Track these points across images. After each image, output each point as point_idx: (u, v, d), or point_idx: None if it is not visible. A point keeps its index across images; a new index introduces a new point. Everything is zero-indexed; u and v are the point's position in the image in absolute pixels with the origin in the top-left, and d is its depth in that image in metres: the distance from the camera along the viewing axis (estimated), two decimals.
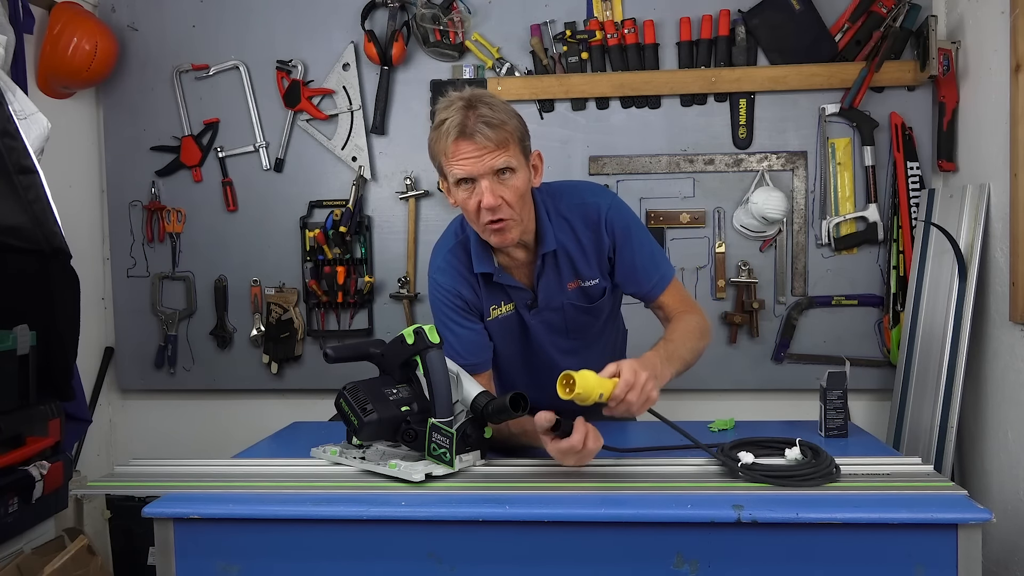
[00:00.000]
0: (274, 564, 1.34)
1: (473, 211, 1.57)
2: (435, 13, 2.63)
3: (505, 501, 1.33)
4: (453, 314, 1.71)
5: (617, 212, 1.71)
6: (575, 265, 1.72)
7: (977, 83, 2.35)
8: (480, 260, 1.68)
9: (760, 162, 2.64)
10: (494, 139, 1.51)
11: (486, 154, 1.52)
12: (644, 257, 1.73)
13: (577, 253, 1.71)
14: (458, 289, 1.70)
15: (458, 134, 1.51)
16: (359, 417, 1.44)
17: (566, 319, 1.76)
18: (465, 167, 1.53)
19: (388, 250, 2.77)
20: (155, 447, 2.87)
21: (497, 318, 1.73)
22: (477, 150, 1.51)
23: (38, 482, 1.93)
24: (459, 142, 1.52)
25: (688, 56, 2.63)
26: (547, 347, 1.79)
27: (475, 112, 1.51)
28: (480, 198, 1.54)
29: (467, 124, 1.50)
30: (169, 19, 2.78)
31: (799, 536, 1.26)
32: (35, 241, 1.92)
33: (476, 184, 1.54)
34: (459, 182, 1.56)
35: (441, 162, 1.57)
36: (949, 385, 2.26)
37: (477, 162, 1.52)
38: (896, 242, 2.59)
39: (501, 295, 1.73)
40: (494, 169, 1.53)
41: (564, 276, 1.72)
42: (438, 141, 1.55)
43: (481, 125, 1.50)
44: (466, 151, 1.52)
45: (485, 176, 1.53)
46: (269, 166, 2.78)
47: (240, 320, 2.83)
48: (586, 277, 1.73)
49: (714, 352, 2.65)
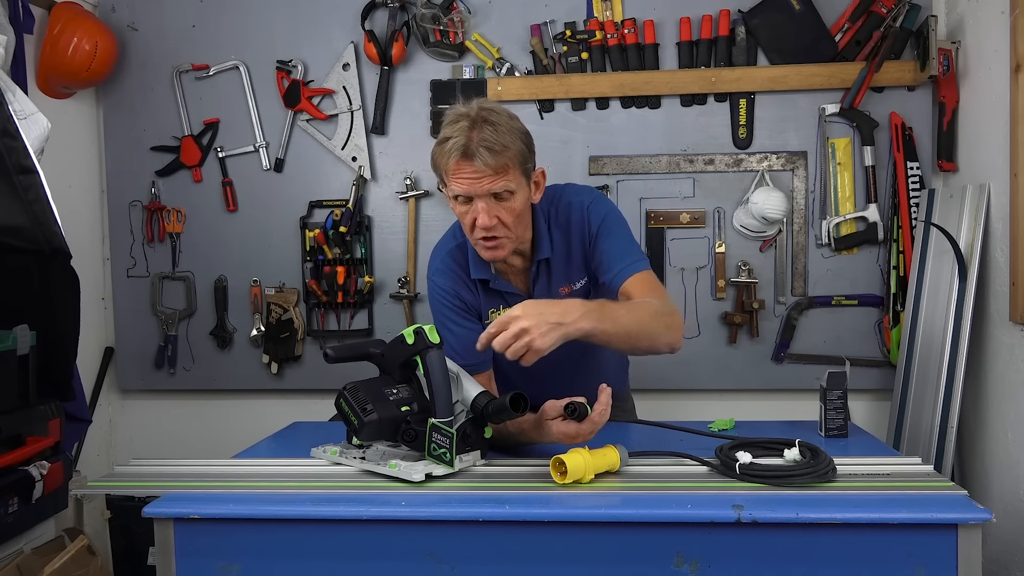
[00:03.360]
0: (274, 564, 1.34)
1: (469, 226, 1.62)
2: (435, 13, 2.63)
3: (505, 501, 1.33)
4: (452, 314, 1.73)
5: (597, 205, 1.72)
6: (566, 270, 1.74)
7: (977, 83, 2.35)
8: (477, 266, 1.71)
9: (760, 162, 2.64)
10: (493, 165, 1.53)
11: (484, 178, 1.55)
12: (616, 246, 1.69)
13: (567, 258, 1.73)
14: (456, 290, 1.72)
15: (460, 156, 1.53)
16: (359, 417, 1.44)
17: None
18: (463, 186, 1.56)
19: (388, 250, 2.77)
20: (155, 447, 2.87)
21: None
22: (476, 172, 1.54)
23: (38, 482, 1.93)
24: (460, 162, 1.54)
25: (688, 56, 2.63)
26: None
27: (479, 134, 1.53)
28: (476, 216, 1.57)
29: (469, 146, 1.53)
30: (169, 19, 2.78)
31: (799, 536, 1.26)
32: (35, 241, 1.92)
33: (474, 203, 1.57)
34: (456, 197, 1.59)
35: (442, 175, 1.61)
36: (949, 385, 2.26)
37: (475, 183, 1.55)
38: (896, 242, 2.59)
39: (499, 299, 1.75)
40: (491, 192, 1.56)
41: (556, 281, 1.74)
42: (440, 156, 1.58)
43: (482, 150, 1.52)
44: (466, 172, 1.55)
45: (482, 197, 1.56)
46: (269, 166, 2.78)
47: (240, 320, 2.83)
48: (576, 279, 1.75)
49: (714, 352, 2.66)
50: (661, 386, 2.53)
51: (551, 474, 1.40)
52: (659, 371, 1.84)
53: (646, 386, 2.23)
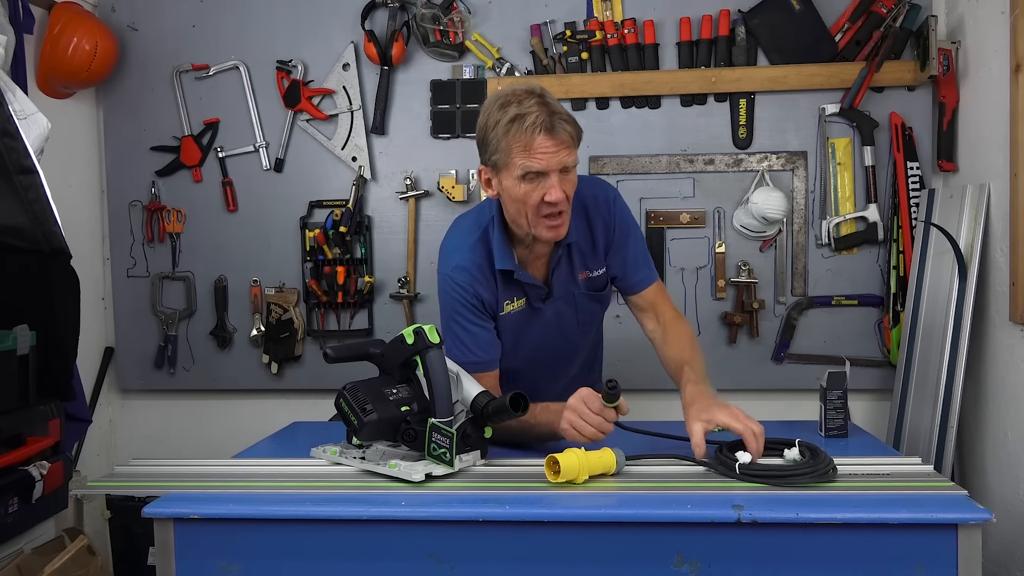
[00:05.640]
0: (274, 564, 1.34)
1: (534, 204, 1.60)
2: (435, 13, 2.63)
3: (505, 501, 1.33)
4: (469, 313, 1.72)
5: (622, 207, 1.81)
6: (585, 256, 1.78)
7: (977, 83, 2.35)
8: (502, 256, 1.71)
9: (760, 162, 2.64)
10: (570, 136, 1.58)
11: (562, 150, 1.57)
12: (639, 252, 1.83)
13: (587, 244, 1.77)
14: (476, 289, 1.72)
15: (544, 129, 1.54)
16: (359, 417, 1.44)
17: (578, 309, 1.82)
18: (542, 161, 1.56)
19: (388, 250, 2.77)
20: (155, 447, 2.87)
21: (510, 313, 1.77)
22: (555, 146, 1.56)
23: (38, 482, 1.93)
24: (542, 137, 1.55)
25: (688, 56, 2.63)
26: (555, 340, 1.83)
27: (553, 108, 1.57)
28: (545, 192, 1.58)
29: (552, 121, 1.55)
30: (169, 19, 2.78)
31: (799, 536, 1.26)
32: (35, 241, 1.91)
33: (545, 178, 1.58)
34: (527, 175, 1.58)
35: (509, 154, 1.58)
36: (949, 385, 2.26)
37: (553, 157, 1.56)
38: (896, 242, 2.59)
39: (516, 290, 1.76)
40: (564, 165, 1.58)
41: (576, 267, 1.77)
42: (516, 134, 1.56)
43: (563, 123, 1.57)
44: (546, 146, 1.56)
45: (555, 171, 1.57)
46: (269, 166, 2.78)
47: (240, 320, 2.83)
48: (593, 267, 1.79)
49: (714, 352, 2.65)
50: (661, 386, 2.53)
51: (544, 473, 1.40)
52: (658, 371, 1.84)
53: (646, 386, 2.23)
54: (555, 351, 1.85)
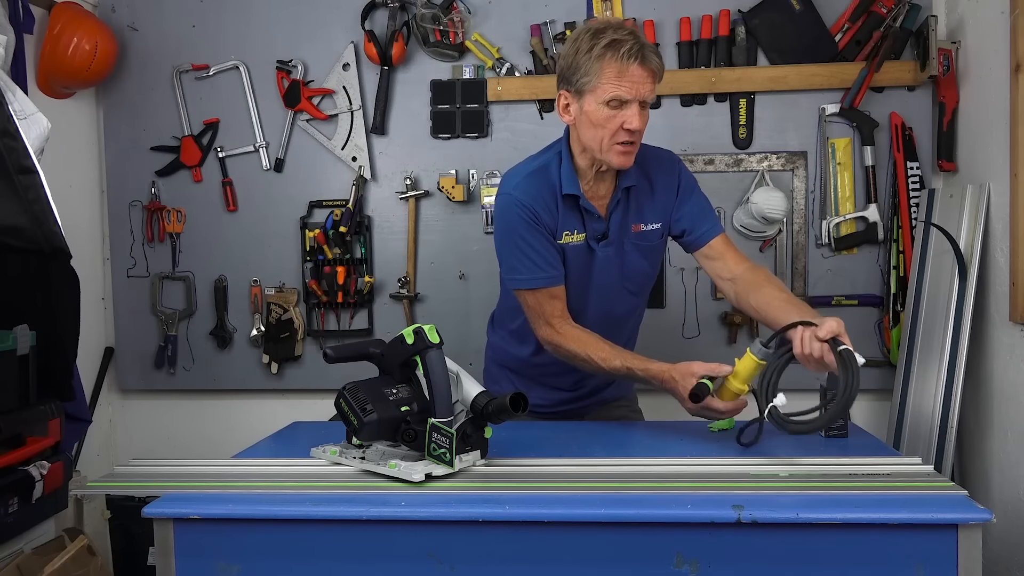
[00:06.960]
0: (274, 564, 1.34)
1: (612, 130, 1.66)
2: (435, 13, 2.63)
3: (505, 501, 1.33)
4: (531, 230, 1.76)
5: (683, 164, 1.89)
6: (642, 207, 1.82)
7: (977, 83, 2.35)
8: (570, 181, 1.76)
9: (760, 162, 2.64)
10: (658, 68, 1.65)
11: (647, 81, 1.64)
12: (705, 205, 1.88)
13: (646, 195, 1.82)
14: (534, 207, 1.75)
15: (638, 58, 1.61)
16: (359, 417, 1.44)
17: (624, 260, 1.84)
18: (630, 89, 1.62)
19: (388, 250, 2.77)
20: (155, 447, 2.87)
21: (568, 244, 1.79)
22: (643, 75, 1.63)
23: (38, 482, 1.93)
24: (636, 65, 1.61)
25: (688, 56, 2.63)
26: (605, 287, 1.85)
27: (643, 40, 1.63)
28: (624, 120, 1.64)
29: (644, 51, 1.61)
30: (169, 19, 2.78)
31: (799, 536, 1.26)
32: (35, 241, 1.91)
33: (627, 107, 1.64)
34: (610, 101, 1.64)
35: (600, 77, 1.63)
36: (949, 385, 2.26)
37: (640, 86, 1.63)
38: (896, 242, 2.59)
39: (576, 222, 1.79)
40: (646, 98, 1.65)
41: (631, 216, 1.81)
42: (610, 60, 1.62)
43: (653, 55, 1.63)
44: (636, 74, 1.62)
45: (637, 101, 1.64)
46: (269, 166, 2.78)
47: (240, 320, 2.83)
48: (648, 220, 1.83)
49: (714, 352, 2.65)
50: None
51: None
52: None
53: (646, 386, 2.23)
54: (605, 295, 1.86)
